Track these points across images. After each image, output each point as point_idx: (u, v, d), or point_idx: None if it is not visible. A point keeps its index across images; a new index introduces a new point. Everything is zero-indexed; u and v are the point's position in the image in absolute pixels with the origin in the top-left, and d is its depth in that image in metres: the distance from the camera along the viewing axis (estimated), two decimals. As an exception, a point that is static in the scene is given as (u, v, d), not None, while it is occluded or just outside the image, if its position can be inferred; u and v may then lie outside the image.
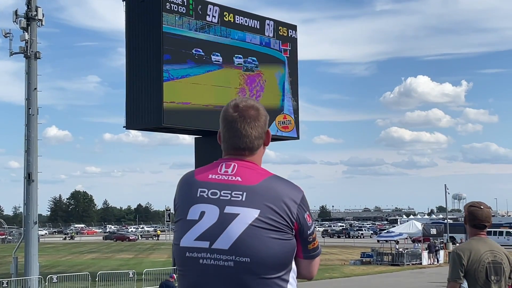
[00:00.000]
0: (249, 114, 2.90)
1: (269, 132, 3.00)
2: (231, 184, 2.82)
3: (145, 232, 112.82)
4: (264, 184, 2.81)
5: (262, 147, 2.97)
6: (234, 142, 2.90)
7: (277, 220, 2.76)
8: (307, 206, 2.88)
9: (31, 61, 29.62)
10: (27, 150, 29.83)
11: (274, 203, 2.77)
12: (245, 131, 2.89)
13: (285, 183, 2.87)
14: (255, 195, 2.78)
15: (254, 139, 2.90)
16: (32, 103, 29.59)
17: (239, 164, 2.88)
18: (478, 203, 5.80)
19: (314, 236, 2.91)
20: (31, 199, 29.78)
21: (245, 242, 2.72)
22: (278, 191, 2.80)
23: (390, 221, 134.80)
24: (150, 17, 31.15)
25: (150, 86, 31.44)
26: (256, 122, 2.90)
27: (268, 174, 2.89)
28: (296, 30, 37.44)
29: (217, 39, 32.82)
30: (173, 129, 34.06)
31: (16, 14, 29.62)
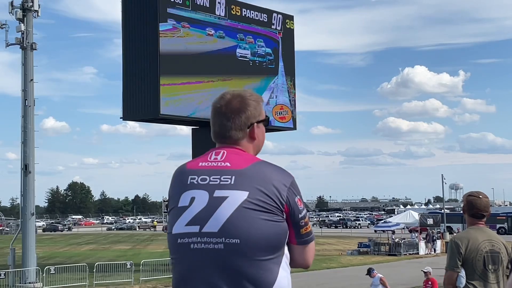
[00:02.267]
0: (230, 105, 2.97)
1: (253, 128, 3.00)
2: (220, 169, 2.87)
3: (142, 223, 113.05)
4: (252, 167, 2.86)
5: (245, 140, 3.00)
6: (221, 131, 2.97)
7: (266, 202, 2.78)
8: (298, 190, 2.91)
9: (27, 52, 29.55)
10: (24, 141, 29.80)
11: (263, 186, 2.81)
12: (225, 121, 2.96)
13: (275, 168, 2.91)
14: (244, 178, 2.83)
15: (232, 130, 2.96)
16: (28, 95, 29.53)
17: (228, 151, 2.94)
18: (477, 192, 5.81)
19: (307, 221, 2.92)
20: (28, 190, 29.76)
21: (234, 223, 2.75)
22: (267, 174, 2.84)
23: (387, 211, 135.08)
24: (146, 7, 31.04)
25: (147, 77, 31.37)
26: (236, 114, 2.96)
27: (257, 159, 2.94)
28: (293, 20, 37.31)
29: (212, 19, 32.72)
30: (170, 120, 34.00)
31: (12, 5, 29.52)
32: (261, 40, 35.10)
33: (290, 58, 38.12)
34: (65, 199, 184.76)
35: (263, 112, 3.09)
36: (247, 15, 34.19)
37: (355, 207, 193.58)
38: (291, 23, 36.86)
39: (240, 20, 33.73)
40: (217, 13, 32.42)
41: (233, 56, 33.68)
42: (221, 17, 32.71)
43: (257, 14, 34.97)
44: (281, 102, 37.15)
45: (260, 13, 35.07)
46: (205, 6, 31.92)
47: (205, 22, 32.03)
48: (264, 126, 3.09)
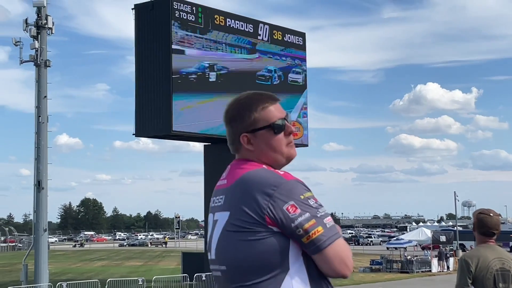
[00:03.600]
0: (228, 113, 2.78)
1: (243, 138, 2.71)
2: (220, 189, 2.73)
3: (154, 240, 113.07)
4: (239, 181, 2.61)
5: (245, 150, 2.73)
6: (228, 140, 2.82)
7: (245, 220, 2.53)
8: (290, 195, 2.54)
9: (41, 69, 29.78)
10: (37, 158, 29.96)
11: (243, 201, 2.55)
12: (227, 130, 2.79)
13: (262, 175, 2.60)
14: (230, 196, 2.62)
15: (230, 140, 2.78)
16: (42, 111, 29.73)
17: (232, 165, 2.75)
18: (487, 210, 5.81)
19: (307, 228, 2.51)
20: (41, 206, 29.88)
21: (220, 249, 2.62)
22: (248, 186, 2.57)
23: (400, 228, 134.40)
24: (159, 25, 31.25)
25: (159, 94, 31.52)
26: (231, 123, 2.75)
27: (250, 169, 2.65)
28: (305, 37, 37.44)
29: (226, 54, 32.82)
30: (182, 137, 34.11)
31: (26, 22, 29.81)
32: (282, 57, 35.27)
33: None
34: (77, 215, 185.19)
35: (269, 116, 2.72)
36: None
37: (367, 224, 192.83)
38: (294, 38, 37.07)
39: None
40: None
41: (252, 74, 33.81)
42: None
43: (256, 27, 34.96)
44: (293, 119, 37.22)
45: (274, 30, 35.14)
46: (219, 25, 32.12)
47: (217, 41, 32.23)
48: (274, 132, 2.71)
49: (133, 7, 32.54)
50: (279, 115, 2.75)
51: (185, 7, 31.99)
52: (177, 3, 32.01)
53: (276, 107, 2.77)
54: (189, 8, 31.99)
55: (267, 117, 2.72)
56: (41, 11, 29.73)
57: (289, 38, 35.53)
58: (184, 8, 31.60)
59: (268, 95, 2.79)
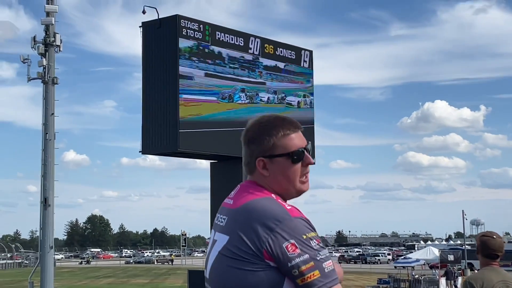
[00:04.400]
0: (246, 135, 2.72)
1: (259, 162, 2.65)
2: (224, 208, 2.68)
3: (160, 257, 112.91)
4: (244, 207, 2.55)
5: (258, 174, 2.67)
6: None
7: (242, 249, 2.47)
8: (292, 233, 2.46)
9: (49, 86, 29.89)
10: (44, 175, 30.00)
11: (244, 229, 2.49)
12: (243, 152, 2.73)
13: (267, 206, 2.52)
14: (232, 220, 2.56)
15: (245, 162, 2.71)
16: (49, 128, 29.81)
17: (242, 186, 2.69)
18: (490, 232, 5.81)
19: (303, 270, 2.42)
20: (47, 223, 29.88)
21: (214, 271, 2.57)
22: (251, 215, 2.50)
23: (408, 246, 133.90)
24: (166, 43, 31.39)
25: (166, 112, 31.61)
26: (249, 145, 2.69)
27: (258, 196, 2.58)
28: (312, 55, 37.51)
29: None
30: (189, 154, 34.15)
31: (34, 40, 29.95)
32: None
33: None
34: (84, 232, 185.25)
35: (290, 144, 2.66)
36: (277, 53, 34.29)
37: (375, 242, 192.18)
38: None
39: (268, 56, 33.84)
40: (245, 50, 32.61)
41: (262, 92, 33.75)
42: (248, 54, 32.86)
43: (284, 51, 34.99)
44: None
45: (286, 49, 35.11)
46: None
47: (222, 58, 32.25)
48: (292, 162, 2.66)
49: (141, 25, 32.72)
50: (300, 144, 2.68)
51: (192, 25, 32.14)
52: (185, 21, 32.18)
53: (297, 136, 2.70)
54: (196, 26, 32.13)
55: (287, 145, 2.66)
56: (49, 29, 29.89)
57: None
58: (191, 26, 31.74)
59: (291, 122, 2.72)
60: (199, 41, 32.38)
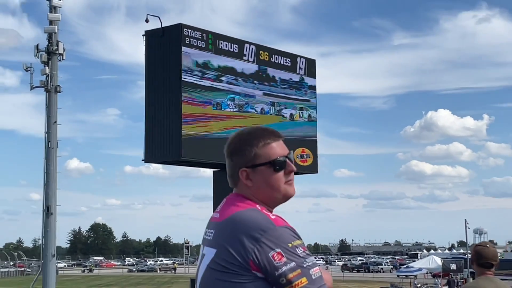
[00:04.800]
0: (228, 147, 2.74)
1: (242, 173, 2.67)
2: (212, 222, 2.69)
3: (163, 265, 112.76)
4: (229, 219, 2.57)
5: (242, 185, 2.70)
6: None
7: (229, 261, 2.47)
8: (277, 242, 2.47)
9: (51, 95, 29.95)
10: (46, 183, 30.02)
11: (230, 242, 2.50)
12: (227, 164, 2.74)
13: (252, 217, 2.54)
14: (219, 233, 2.58)
15: (229, 174, 2.72)
16: (51, 137, 29.84)
17: (227, 199, 2.71)
18: (484, 242, 5.88)
19: (290, 278, 2.43)
20: (50, 232, 29.89)
21: (203, 285, 2.58)
22: (236, 227, 2.51)
23: (411, 255, 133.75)
24: (169, 52, 31.46)
25: (169, 120, 31.65)
26: (232, 156, 2.71)
27: (243, 207, 2.60)
28: (309, 63, 37.49)
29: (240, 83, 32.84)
30: (191, 163, 34.16)
31: (37, 48, 30.02)
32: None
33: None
34: (87, 240, 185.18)
35: (271, 153, 2.68)
36: (275, 61, 34.29)
37: (378, 251, 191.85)
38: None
39: (267, 64, 33.85)
40: (245, 58, 32.65)
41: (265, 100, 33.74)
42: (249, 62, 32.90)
43: (275, 56, 34.97)
44: (303, 145, 37.18)
45: (285, 57, 35.15)
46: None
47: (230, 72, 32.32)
48: (274, 170, 2.66)
49: (144, 34, 32.78)
50: (281, 152, 2.70)
51: (195, 33, 32.20)
52: (188, 29, 32.25)
53: (278, 144, 2.72)
54: (199, 34, 32.18)
55: (268, 154, 2.67)
56: (52, 37, 29.96)
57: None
58: (194, 35, 31.80)
59: (271, 131, 2.75)
60: (202, 50, 32.45)
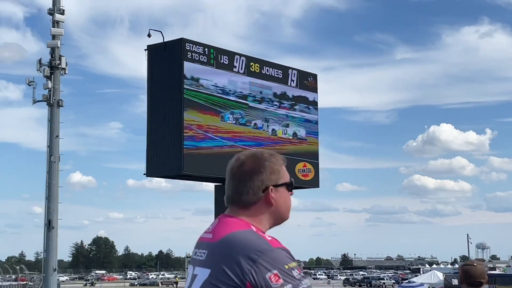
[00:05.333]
0: (245, 166, 2.71)
1: (269, 192, 2.69)
2: (203, 242, 2.70)
3: (165, 279, 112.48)
4: (224, 239, 2.57)
5: (260, 204, 2.71)
6: (229, 194, 2.73)
7: (225, 282, 2.48)
8: (274, 263, 2.49)
9: (54, 109, 30.08)
10: (48, 197, 30.11)
11: (225, 262, 2.51)
12: (238, 182, 2.71)
13: (248, 238, 2.55)
14: (213, 253, 2.58)
15: (245, 193, 2.69)
16: (53, 150, 29.95)
17: (222, 219, 2.71)
18: (471, 261, 5.91)
19: None
20: (51, 246, 29.94)
21: None
22: (233, 248, 2.52)
23: (413, 270, 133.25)
24: (171, 65, 31.58)
25: (170, 134, 31.73)
26: (251, 176, 2.69)
27: (240, 228, 2.61)
28: (317, 79, 37.60)
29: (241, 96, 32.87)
30: (193, 177, 34.17)
31: (40, 63, 30.18)
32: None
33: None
34: (89, 254, 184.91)
35: (286, 175, 2.76)
36: (267, 73, 34.33)
37: (380, 266, 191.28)
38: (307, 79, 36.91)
39: (263, 78, 33.87)
40: (236, 70, 32.67)
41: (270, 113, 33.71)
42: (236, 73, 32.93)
43: (272, 70, 34.92)
44: (305, 159, 37.17)
45: (277, 69, 35.11)
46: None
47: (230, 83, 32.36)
48: (287, 190, 2.76)
49: (146, 48, 32.93)
50: (288, 175, 2.81)
51: (197, 48, 32.31)
52: (190, 44, 32.35)
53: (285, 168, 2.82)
54: (201, 49, 32.30)
55: (286, 175, 2.77)
56: (55, 52, 30.13)
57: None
58: (196, 49, 31.91)
59: (279, 155, 2.84)
60: (204, 64, 32.55)
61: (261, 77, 34.48)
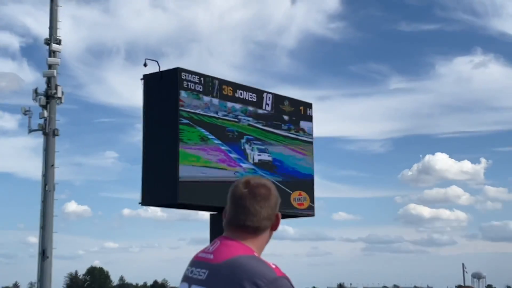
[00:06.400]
0: (259, 192, 2.76)
1: (278, 216, 2.78)
2: (202, 262, 2.72)
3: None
4: (228, 262, 2.61)
5: (268, 230, 2.78)
6: (240, 219, 2.75)
7: None
8: None
9: (49, 138, 30.04)
10: (43, 226, 29.96)
11: (230, 285, 2.55)
12: (253, 209, 2.74)
13: (254, 264, 2.60)
14: (215, 275, 2.61)
15: (262, 218, 2.75)
16: (48, 180, 29.87)
17: (223, 242, 2.74)
18: (465, 286, 5.87)
19: None
20: (45, 276, 29.73)
21: None
22: (238, 272, 2.56)
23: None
24: (167, 95, 31.58)
25: (166, 163, 31.63)
26: (266, 202, 2.76)
27: (243, 253, 2.64)
28: (312, 108, 37.60)
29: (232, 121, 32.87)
30: (189, 206, 34.02)
31: (36, 92, 30.18)
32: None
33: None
34: (83, 284, 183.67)
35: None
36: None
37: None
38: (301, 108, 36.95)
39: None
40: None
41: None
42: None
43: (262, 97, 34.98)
44: (300, 188, 37.12)
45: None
46: (227, 95, 32.25)
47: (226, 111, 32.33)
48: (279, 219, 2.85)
49: (142, 77, 33.00)
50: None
51: (193, 77, 32.36)
52: (185, 73, 32.42)
53: None
54: (197, 78, 32.34)
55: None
56: (51, 81, 30.16)
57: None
58: (192, 79, 31.92)
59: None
60: (200, 93, 32.62)
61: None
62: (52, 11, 30.54)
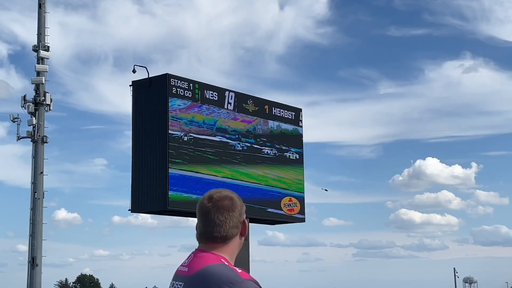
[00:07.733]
0: (223, 204, 2.95)
1: (245, 222, 2.98)
2: (180, 275, 2.90)
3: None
4: (199, 272, 2.79)
5: (237, 236, 2.96)
6: (208, 231, 2.95)
7: None
8: None
9: (38, 145, 29.91)
10: (32, 234, 29.80)
11: None
12: (219, 221, 2.93)
13: (220, 271, 2.79)
14: (189, 286, 2.78)
15: (228, 228, 2.92)
16: (37, 187, 29.73)
17: (195, 254, 2.93)
18: None
19: None
20: (35, 283, 29.56)
21: None
22: (207, 280, 2.75)
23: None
24: (156, 101, 31.51)
25: (155, 170, 31.55)
26: (230, 212, 2.94)
27: (213, 262, 2.83)
28: (301, 113, 37.54)
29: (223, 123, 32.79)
30: (178, 213, 33.93)
31: (24, 99, 30.06)
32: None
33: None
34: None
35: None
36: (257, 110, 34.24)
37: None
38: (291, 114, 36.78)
39: (248, 113, 33.77)
40: (226, 107, 32.60)
41: (254, 149, 33.50)
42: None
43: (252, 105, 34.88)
44: (290, 194, 36.99)
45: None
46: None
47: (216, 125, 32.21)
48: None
49: (131, 84, 32.89)
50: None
51: (182, 83, 32.29)
52: (174, 80, 32.34)
53: None
54: (186, 84, 32.27)
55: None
56: (40, 88, 30.05)
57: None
58: (181, 85, 31.87)
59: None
60: (189, 99, 32.44)
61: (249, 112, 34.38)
62: (40, 18, 30.46)
